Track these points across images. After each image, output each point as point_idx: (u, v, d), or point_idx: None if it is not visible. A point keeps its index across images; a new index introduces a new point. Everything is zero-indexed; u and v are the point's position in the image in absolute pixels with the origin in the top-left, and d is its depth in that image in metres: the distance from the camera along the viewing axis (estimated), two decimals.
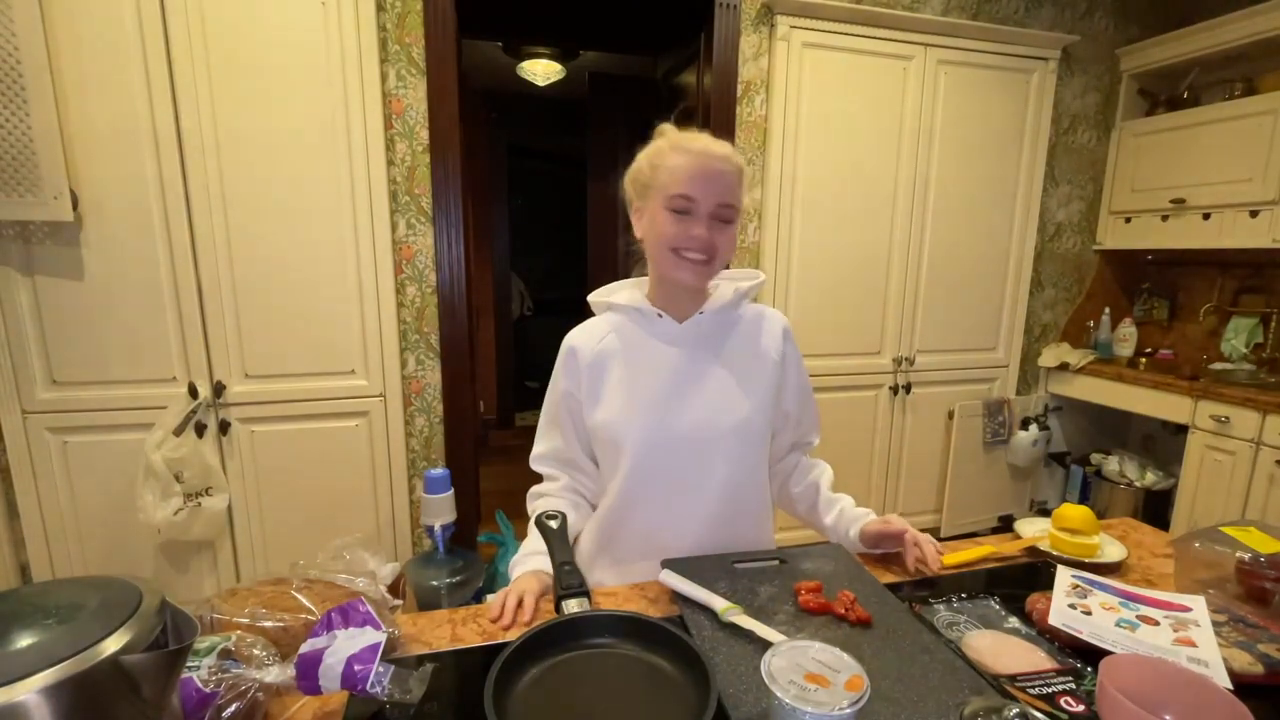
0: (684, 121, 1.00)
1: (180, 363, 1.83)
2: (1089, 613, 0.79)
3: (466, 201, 2.30)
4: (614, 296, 1.03)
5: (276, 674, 0.62)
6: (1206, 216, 2.46)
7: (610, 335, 1.00)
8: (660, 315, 0.98)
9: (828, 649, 0.58)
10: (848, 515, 1.04)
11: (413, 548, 2.17)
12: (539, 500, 1.04)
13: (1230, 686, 0.64)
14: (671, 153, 0.92)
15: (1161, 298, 2.91)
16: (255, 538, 1.97)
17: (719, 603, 0.77)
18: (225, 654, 0.64)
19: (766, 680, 0.54)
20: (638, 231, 0.99)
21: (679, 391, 0.97)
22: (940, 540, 1.00)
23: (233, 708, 0.60)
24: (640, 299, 1.01)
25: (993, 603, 0.85)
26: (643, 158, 0.97)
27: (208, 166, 1.76)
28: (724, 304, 1.00)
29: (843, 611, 0.78)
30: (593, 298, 1.07)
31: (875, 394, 2.60)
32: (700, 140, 0.93)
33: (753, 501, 1.02)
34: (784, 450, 1.11)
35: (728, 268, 1.00)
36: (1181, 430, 2.38)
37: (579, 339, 1.01)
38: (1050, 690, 0.66)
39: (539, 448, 1.06)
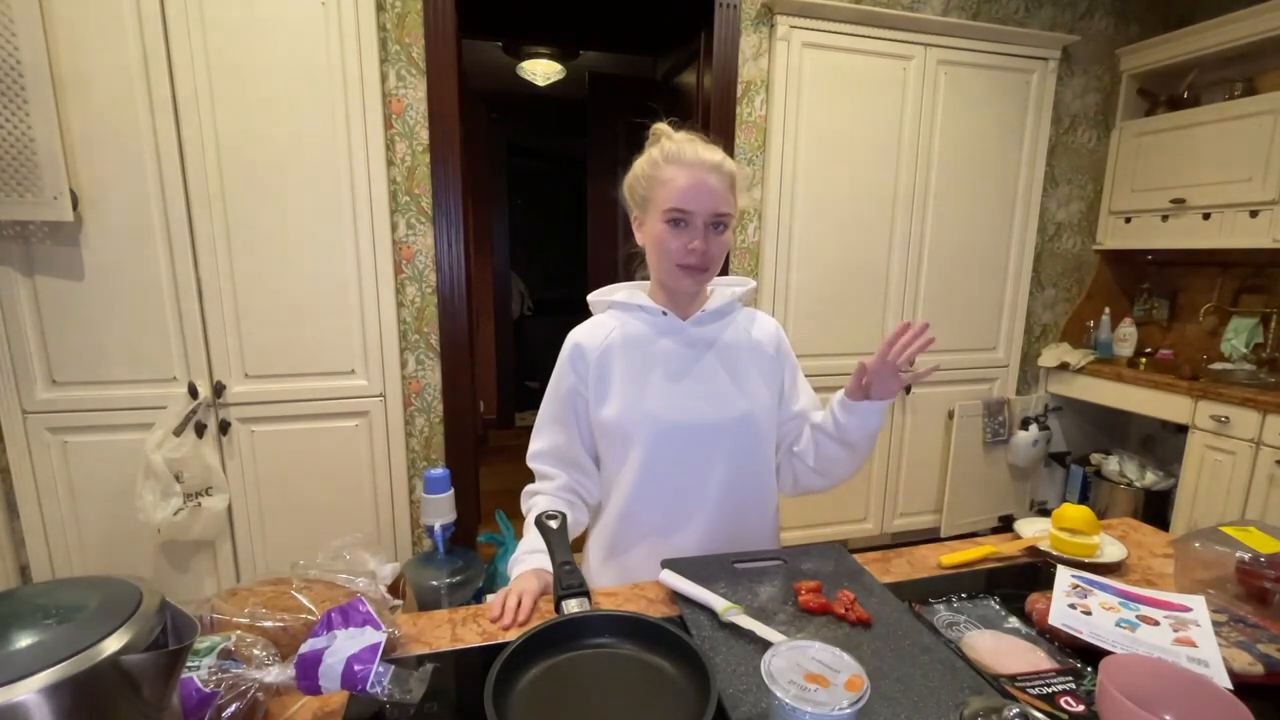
0: (677, 124, 1.00)
1: (180, 363, 1.83)
2: (1089, 613, 0.79)
3: (466, 201, 2.30)
4: (615, 295, 1.06)
5: (276, 674, 0.62)
6: (1206, 216, 2.46)
7: (615, 332, 1.03)
8: (665, 313, 1.02)
9: (828, 649, 0.58)
10: (833, 399, 1.01)
11: (413, 548, 2.17)
12: (534, 499, 1.03)
13: (1230, 686, 0.64)
14: (666, 165, 0.94)
15: (1161, 298, 2.91)
16: (255, 538, 1.97)
17: (719, 603, 0.78)
18: (225, 654, 0.64)
19: (766, 680, 0.54)
20: (639, 239, 1.02)
21: (685, 385, 0.99)
22: (940, 540, 1.00)
23: (233, 708, 0.60)
24: (642, 297, 1.04)
25: (993, 603, 0.85)
26: (638, 168, 0.99)
27: (207, 166, 1.76)
28: (722, 305, 1.04)
29: (843, 611, 0.78)
30: (592, 297, 1.09)
31: None
32: (692, 149, 0.94)
33: (758, 497, 1.04)
34: (793, 438, 1.10)
35: (725, 272, 1.02)
36: (1181, 430, 2.38)
37: (584, 336, 1.03)
38: (1050, 690, 0.66)
39: (537, 444, 1.06)
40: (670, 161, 0.94)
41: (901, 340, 0.91)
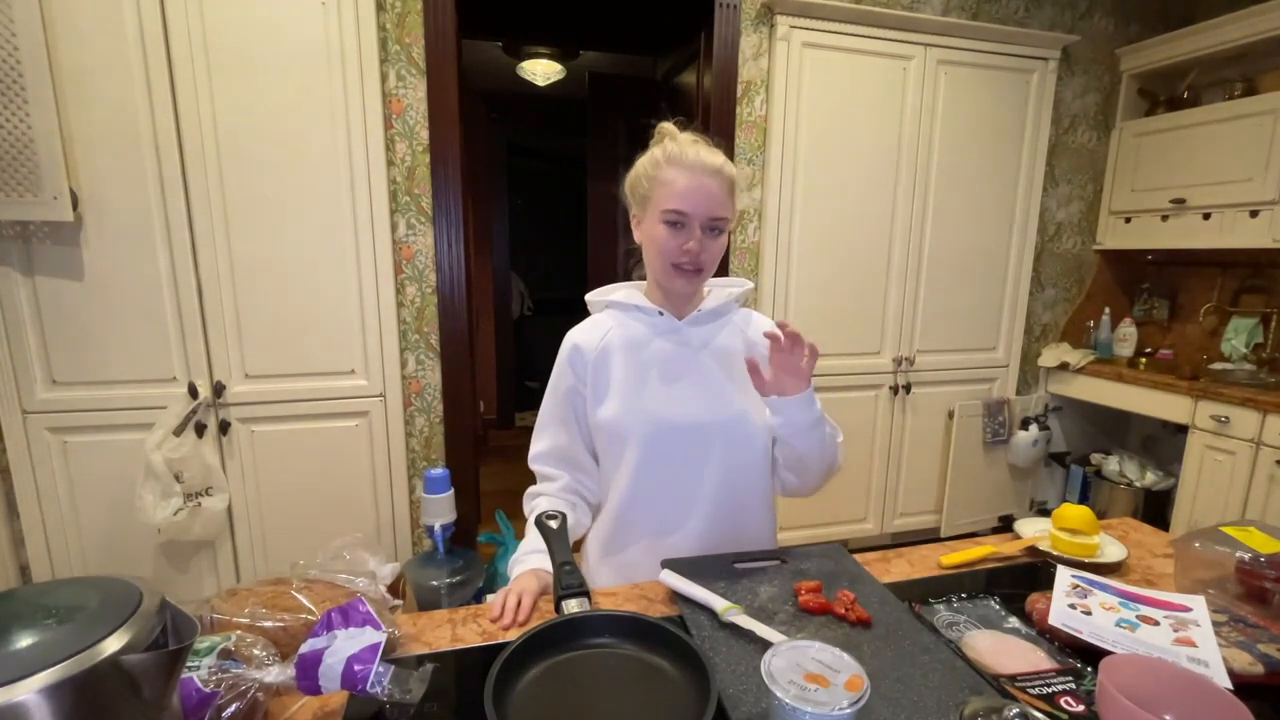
0: (683, 124, 1.01)
1: (180, 363, 1.83)
2: (1089, 613, 0.79)
3: (466, 201, 2.30)
4: (613, 295, 1.07)
5: (276, 674, 0.62)
6: (1206, 216, 2.46)
7: (612, 332, 1.03)
8: (661, 313, 1.02)
9: (828, 649, 0.58)
10: None
11: (413, 548, 2.17)
12: (536, 500, 1.04)
13: (1230, 686, 0.64)
14: (667, 166, 0.95)
15: (1161, 298, 2.91)
16: (255, 538, 1.97)
17: (719, 603, 0.78)
18: (225, 654, 0.64)
19: (766, 680, 0.54)
20: (636, 237, 1.03)
21: (681, 385, 1.00)
22: (940, 540, 1.00)
23: (233, 708, 0.60)
24: (639, 297, 1.05)
25: (993, 603, 0.85)
26: (640, 166, 1.00)
27: (208, 166, 1.76)
28: (718, 305, 1.05)
29: (843, 611, 0.78)
30: (590, 297, 1.10)
31: (875, 394, 2.60)
32: (694, 151, 0.95)
33: (754, 496, 1.04)
34: None
35: (725, 272, 1.02)
36: (1181, 430, 2.38)
37: (581, 337, 1.04)
38: (1050, 690, 0.66)
39: (539, 446, 1.06)
40: (672, 163, 0.95)
41: (785, 332, 0.87)
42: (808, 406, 0.92)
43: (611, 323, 1.04)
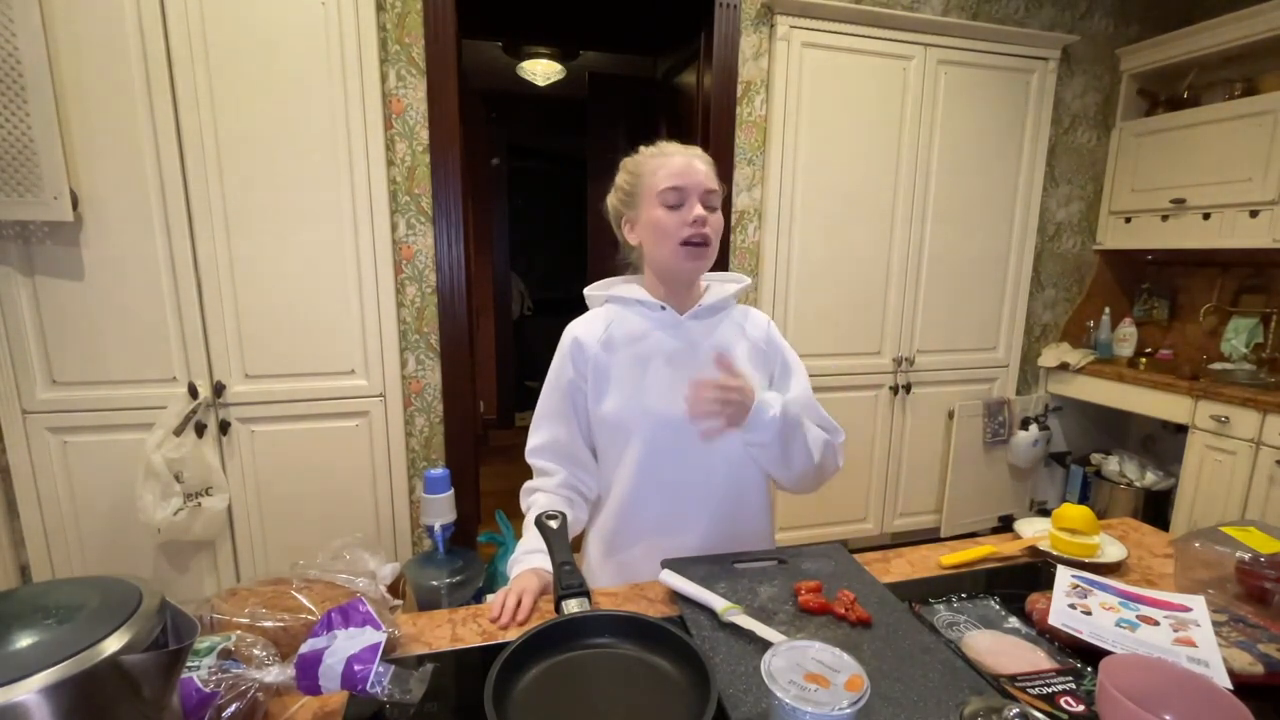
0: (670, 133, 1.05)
1: (180, 363, 1.83)
2: (1089, 613, 0.79)
3: (466, 201, 2.30)
4: (613, 289, 1.07)
5: (276, 674, 0.62)
6: (1206, 216, 2.46)
7: (613, 325, 1.03)
8: (663, 307, 1.03)
9: (828, 649, 0.58)
10: None
11: (413, 548, 2.17)
12: (534, 496, 1.03)
13: (1230, 686, 0.64)
14: (649, 159, 1.00)
15: (1161, 298, 2.91)
16: (255, 538, 1.97)
17: (719, 603, 0.78)
18: (225, 654, 0.64)
19: (766, 680, 0.54)
20: (632, 241, 1.04)
21: (682, 379, 0.99)
22: (940, 540, 1.00)
23: (233, 708, 0.60)
24: (640, 292, 1.05)
25: (993, 603, 0.85)
26: (621, 176, 1.04)
27: (208, 166, 1.76)
28: (716, 301, 1.05)
29: (843, 611, 0.78)
30: (590, 290, 1.10)
31: (875, 394, 2.60)
32: (670, 143, 1.01)
33: (754, 493, 1.05)
34: None
35: (724, 269, 1.03)
36: (1181, 430, 2.38)
37: (582, 330, 1.04)
38: (1050, 690, 0.66)
39: (536, 439, 1.06)
40: (652, 156, 1.00)
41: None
42: (757, 430, 0.91)
43: (612, 316, 1.04)
